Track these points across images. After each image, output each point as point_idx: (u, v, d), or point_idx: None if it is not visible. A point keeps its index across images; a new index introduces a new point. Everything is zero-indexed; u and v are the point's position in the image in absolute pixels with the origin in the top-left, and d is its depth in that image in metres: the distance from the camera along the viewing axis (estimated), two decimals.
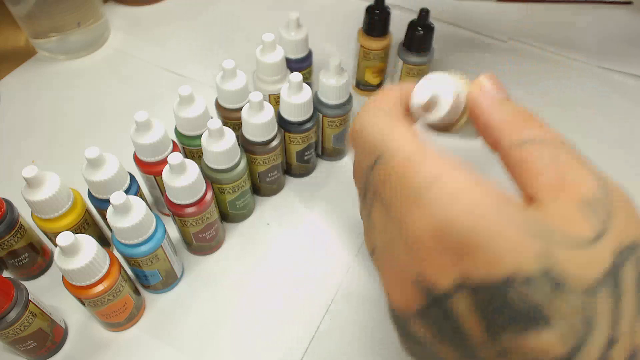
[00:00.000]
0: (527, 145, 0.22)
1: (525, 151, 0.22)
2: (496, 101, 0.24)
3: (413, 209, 0.22)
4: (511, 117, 0.23)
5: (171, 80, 0.57)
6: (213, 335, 0.38)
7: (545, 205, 0.20)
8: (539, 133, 0.22)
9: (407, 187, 0.22)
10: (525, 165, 0.22)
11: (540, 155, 0.22)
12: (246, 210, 0.44)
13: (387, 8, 0.48)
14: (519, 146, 0.22)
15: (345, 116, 0.45)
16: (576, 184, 0.21)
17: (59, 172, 0.36)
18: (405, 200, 0.22)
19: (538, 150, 0.22)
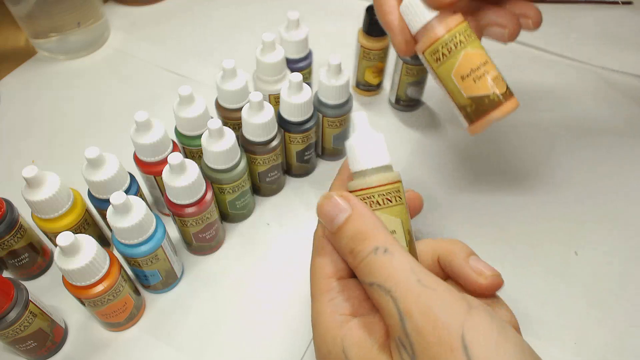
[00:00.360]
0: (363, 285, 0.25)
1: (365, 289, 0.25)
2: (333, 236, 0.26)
3: None
4: (342, 253, 0.26)
5: (171, 80, 0.57)
6: (213, 335, 0.38)
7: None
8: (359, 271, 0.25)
9: None
10: None
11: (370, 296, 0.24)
12: (246, 210, 0.44)
13: None
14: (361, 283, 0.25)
15: (345, 116, 0.45)
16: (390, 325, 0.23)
17: (59, 172, 0.36)
18: None
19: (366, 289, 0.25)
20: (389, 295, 0.23)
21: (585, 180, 0.48)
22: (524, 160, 0.49)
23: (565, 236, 0.44)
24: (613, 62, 0.58)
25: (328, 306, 0.26)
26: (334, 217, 0.26)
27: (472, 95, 0.28)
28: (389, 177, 0.26)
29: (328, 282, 0.27)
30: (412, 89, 0.51)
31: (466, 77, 0.28)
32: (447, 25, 0.27)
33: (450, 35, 0.27)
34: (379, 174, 0.27)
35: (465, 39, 0.27)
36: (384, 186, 0.26)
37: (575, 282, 0.41)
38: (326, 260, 0.27)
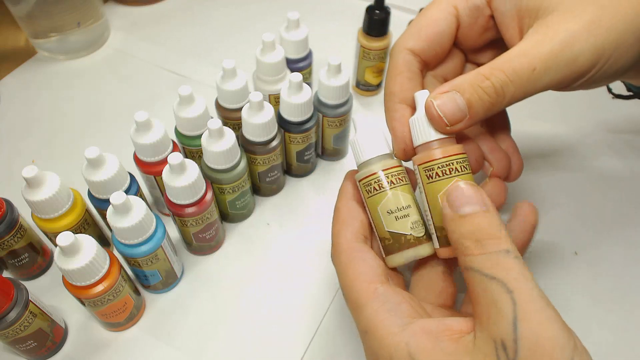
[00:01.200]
0: (470, 273, 0.24)
1: (469, 278, 0.24)
2: (453, 220, 0.26)
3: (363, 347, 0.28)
4: (464, 238, 0.25)
5: (171, 80, 0.57)
6: (213, 335, 0.38)
7: (476, 338, 0.23)
8: (480, 261, 0.24)
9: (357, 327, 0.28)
10: (469, 290, 0.25)
11: (477, 286, 0.24)
12: (246, 210, 0.44)
13: (387, 8, 0.48)
14: (466, 271, 0.25)
15: (345, 116, 0.45)
16: (495, 324, 0.23)
17: (59, 172, 0.36)
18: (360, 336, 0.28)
19: (476, 281, 0.24)
20: (510, 295, 0.22)
21: (586, 180, 0.48)
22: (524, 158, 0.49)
23: (565, 236, 0.44)
24: None
25: (382, 311, 0.26)
26: (465, 203, 0.25)
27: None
28: (395, 162, 0.30)
29: (373, 287, 0.27)
30: None
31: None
32: (445, 151, 0.28)
33: (446, 160, 0.28)
34: (385, 160, 0.30)
35: (461, 169, 0.28)
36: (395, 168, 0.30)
37: (575, 282, 0.41)
38: (364, 268, 0.28)
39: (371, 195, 0.30)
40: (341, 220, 0.30)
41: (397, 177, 0.29)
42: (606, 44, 0.27)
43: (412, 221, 0.29)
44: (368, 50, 0.50)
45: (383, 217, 0.29)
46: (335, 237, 0.30)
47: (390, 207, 0.29)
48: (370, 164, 0.30)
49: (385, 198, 0.29)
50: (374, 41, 0.49)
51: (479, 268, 0.24)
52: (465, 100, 0.27)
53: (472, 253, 0.24)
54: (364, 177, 0.30)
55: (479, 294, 0.24)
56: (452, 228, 0.25)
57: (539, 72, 0.27)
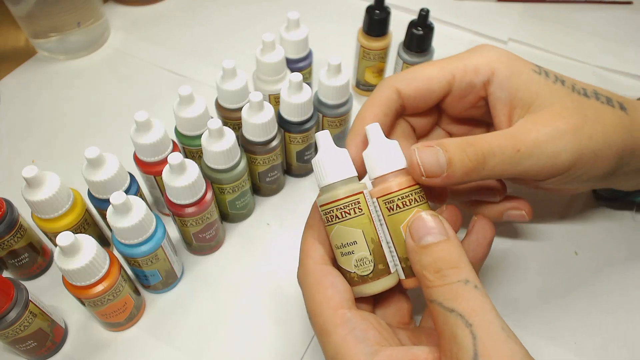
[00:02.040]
0: (433, 305, 0.24)
1: (432, 309, 0.25)
2: (416, 252, 0.26)
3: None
4: (424, 269, 0.25)
5: (171, 80, 0.57)
6: (213, 335, 0.38)
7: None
8: (440, 293, 0.24)
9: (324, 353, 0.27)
10: (434, 322, 0.25)
11: (438, 318, 0.24)
12: (246, 210, 0.44)
13: (387, 8, 0.48)
14: (429, 302, 0.25)
15: (345, 116, 0.45)
16: (456, 358, 0.23)
17: (59, 172, 0.36)
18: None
19: (437, 312, 0.24)
20: (470, 329, 0.22)
21: None
22: None
23: (565, 236, 0.44)
24: (613, 62, 0.58)
25: (349, 338, 0.25)
26: (425, 234, 0.26)
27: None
28: (348, 190, 0.28)
29: (340, 313, 0.26)
30: None
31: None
32: (403, 183, 0.28)
33: (406, 192, 0.28)
34: (344, 186, 0.28)
35: (419, 199, 0.28)
36: (345, 199, 0.28)
37: (575, 282, 0.41)
38: (331, 292, 0.27)
39: (327, 224, 0.29)
40: (309, 241, 0.30)
41: (344, 211, 0.28)
42: (586, 151, 0.29)
43: (357, 258, 0.28)
44: (368, 50, 0.50)
45: (334, 249, 0.29)
46: (304, 257, 0.29)
47: (336, 242, 0.29)
48: (325, 191, 0.29)
49: (333, 231, 0.28)
50: (374, 41, 0.49)
51: (439, 300, 0.24)
52: (447, 158, 0.28)
53: (433, 285, 0.24)
54: (321, 205, 0.29)
55: (440, 327, 0.24)
56: (415, 259, 0.26)
57: (522, 154, 0.29)
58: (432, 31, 0.47)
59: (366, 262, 0.28)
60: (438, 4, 0.63)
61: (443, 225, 0.26)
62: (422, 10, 0.46)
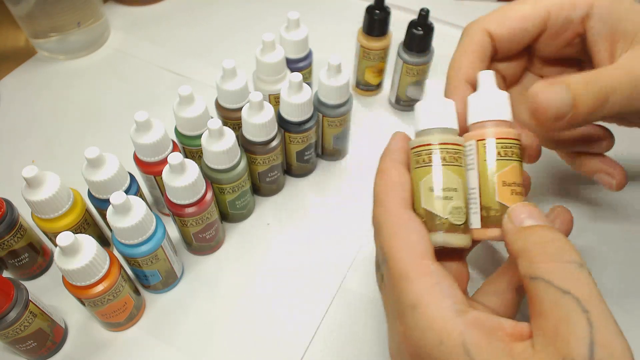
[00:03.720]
0: (537, 282, 0.23)
1: (535, 287, 0.23)
2: (518, 230, 0.25)
3: (396, 324, 0.25)
4: (530, 246, 0.24)
5: (171, 80, 0.57)
6: (213, 335, 0.38)
7: (535, 351, 0.22)
8: (550, 272, 0.22)
9: (396, 302, 0.25)
10: (533, 300, 0.23)
11: (545, 297, 0.22)
12: (246, 210, 0.44)
13: (387, 8, 0.48)
14: (531, 280, 0.23)
15: (345, 116, 0.45)
16: (567, 343, 0.21)
17: (59, 172, 0.36)
18: (392, 312, 0.25)
19: (544, 291, 0.22)
20: (587, 315, 0.21)
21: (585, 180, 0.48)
22: None
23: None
24: None
25: (434, 290, 0.23)
26: (528, 217, 0.25)
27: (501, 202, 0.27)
28: (460, 137, 0.28)
29: (425, 263, 0.24)
30: (412, 89, 0.51)
31: (509, 185, 0.27)
32: (509, 132, 0.27)
33: (510, 142, 0.27)
34: (454, 134, 0.28)
35: (519, 155, 0.28)
36: (456, 146, 0.27)
37: None
38: (415, 238, 0.25)
39: (419, 166, 0.27)
40: (391, 182, 0.27)
41: (452, 156, 0.27)
42: None
43: (454, 206, 0.27)
44: (368, 50, 0.50)
45: (423, 192, 0.27)
46: (383, 196, 0.27)
47: (433, 184, 0.27)
48: (427, 133, 0.28)
49: (431, 172, 0.27)
50: (374, 41, 0.49)
51: (549, 279, 0.22)
52: (572, 97, 0.26)
53: (541, 260, 0.23)
54: (417, 146, 0.27)
55: (547, 307, 0.22)
56: (515, 238, 0.24)
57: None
58: (432, 31, 0.47)
59: (461, 213, 0.27)
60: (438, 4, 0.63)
61: (544, 216, 0.25)
62: (422, 10, 0.46)
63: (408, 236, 0.25)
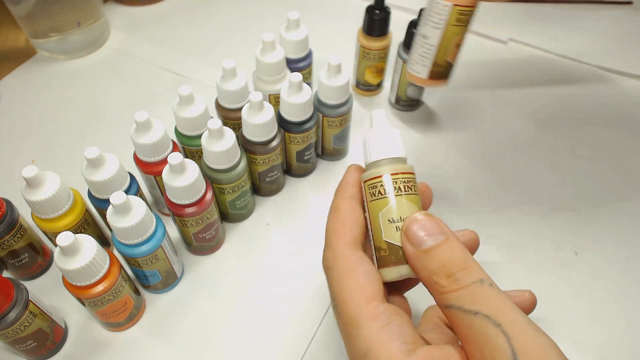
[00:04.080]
0: (450, 311, 0.23)
1: (450, 315, 0.23)
2: (418, 257, 0.25)
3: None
4: (434, 274, 0.24)
5: (171, 80, 0.57)
6: (213, 335, 0.38)
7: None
8: (458, 297, 0.23)
9: (350, 347, 0.25)
10: (454, 327, 0.23)
11: (461, 323, 0.23)
12: (246, 210, 0.44)
13: (387, 8, 0.48)
14: (445, 309, 0.24)
15: (346, 116, 0.45)
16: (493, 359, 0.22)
17: (59, 172, 0.36)
18: (349, 355, 0.25)
19: (459, 317, 0.23)
20: (500, 329, 0.22)
21: (586, 180, 0.48)
22: (524, 159, 0.49)
23: (565, 236, 0.44)
24: (613, 62, 0.58)
25: (383, 334, 0.24)
26: (424, 238, 0.25)
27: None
28: (407, 167, 0.28)
29: (373, 306, 0.25)
30: (412, 89, 0.51)
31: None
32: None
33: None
34: (396, 164, 0.28)
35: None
36: (405, 174, 0.27)
37: (575, 282, 0.41)
38: (363, 281, 0.25)
39: (374, 199, 0.27)
40: (341, 221, 0.28)
41: (406, 185, 0.27)
42: None
43: None
44: (368, 50, 0.50)
45: (383, 225, 0.27)
46: (333, 239, 0.28)
47: (392, 216, 0.27)
48: (378, 165, 0.28)
49: (388, 205, 0.27)
50: (374, 41, 0.49)
51: (458, 304, 0.23)
52: None
53: (448, 290, 0.23)
54: (370, 178, 0.28)
55: (465, 332, 0.23)
56: (419, 265, 0.25)
57: None
58: None
59: None
60: None
61: (440, 225, 0.25)
62: (422, 10, 0.46)
63: (357, 279, 0.26)
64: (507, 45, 0.61)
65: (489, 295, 0.23)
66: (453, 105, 0.54)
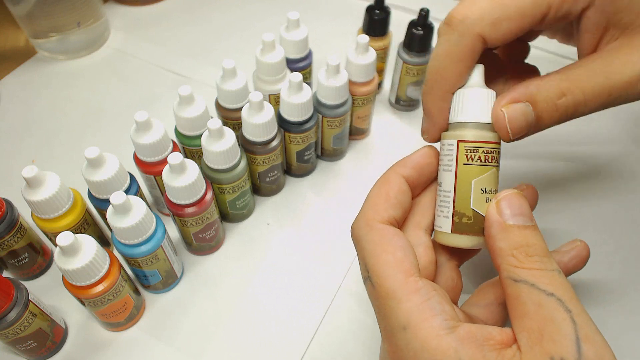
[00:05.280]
0: (520, 285, 0.23)
1: (518, 290, 0.23)
2: (503, 229, 0.25)
3: (388, 343, 0.25)
4: (514, 248, 0.24)
5: (171, 80, 0.57)
6: (213, 335, 0.38)
7: (522, 353, 0.22)
8: (534, 275, 0.23)
9: (386, 320, 0.24)
10: (515, 302, 0.23)
11: (529, 299, 0.23)
12: (246, 210, 0.44)
13: (387, 8, 0.48)
14: (513, 282, 0.24)
15: (345, 116, 0.45)
16: (553, 341, 0.22)
17: (59, 172, 0.36)
18: (383, 329, 0.25)
19: (528, 294, 0.23)
20: (570, 315, 0.22)
21: (586, 180, 0.48)
22: (524, 160, 0.49)
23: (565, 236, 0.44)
24: None
25: (425, 308, 0.23)
26: (517, 214, 0.25)
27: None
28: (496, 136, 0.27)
29: (413, 280, 0.24)
30: (412, 89, 0.51)
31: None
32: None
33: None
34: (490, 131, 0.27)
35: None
36: (498, 145, 0.27)
37: (576, 282, 0.41)
38: (400, 255, 0.25)
39: (471, 163, 0.26)
40: (384, 194, 0.27)
41: (498, 157, 0.27)
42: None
43: None
44: None
45: (474, 192, 0.26)
46: (370, 209, 0.27)
47: (486, 185, 0.26)
48: (486, 128, 0.27)
49: (486, 173, 0.26)
50: (374, 41, 0.49)
51: (534, 282, 0.23)
52: (536, 114, 0.26)
53: (526, 266, 0.23)
54: (473, 140, 0.26)
55: (530, 308, 0.23)
56: (502, 236, 0.24)
57: (613, 98, 0.27)
58: (432, 31, 0.47)
59: None
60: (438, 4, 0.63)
61: (530, 212, 0.25)
62: (422, 10, 0.46)
63: (394, 252, 0.25)
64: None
65: (565, 285, 0.23)
66: None
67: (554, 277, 0.23)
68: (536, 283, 0.23)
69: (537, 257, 0.24)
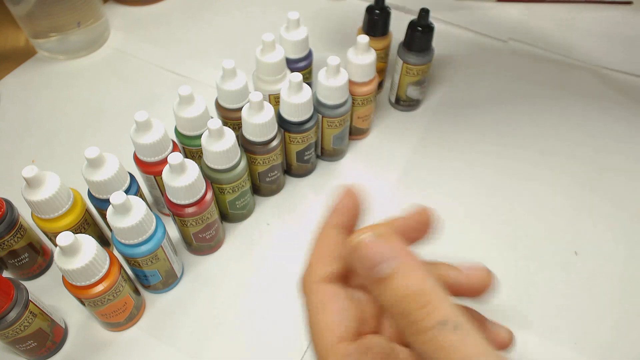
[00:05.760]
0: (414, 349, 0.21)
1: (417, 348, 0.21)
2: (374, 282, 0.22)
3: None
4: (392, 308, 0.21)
5: (171, 80, 0.57)
6: (213, 335, 0.38)
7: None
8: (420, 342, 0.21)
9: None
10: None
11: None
12: (246, 210, 0.44)
13: (387, 8, 0.48)
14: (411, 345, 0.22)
15: (345, 116, 0.45)
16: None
17: (59, 172, 0.36)
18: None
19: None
20: None
21: (586, 180, 0.48)
22: (525, 160, 0.49)
23: (565, 236, 0.44)
24: (613, 62, 0.58)
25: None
26: (376, 264, 0.21)
27: None
28: None
29: (343, 347, 0.23)
30: (412, 89, 0.51)
31: None
32: None
33: None
34: None
35: None
36: None
37: (575, 282, 0.41)
38: (336, 319, 0.24)
39: None
40: (321, 250, 0.26)
41: None
42: None
43: None
44: None
45: None
46: (309, 267, 0.26)
47: None
48: None
49: None
50: (374, 41, 0.49)
51: (420, 350, 0.20)
52: None
53: (406, 332, 0.21)
54: None
55: None
56: (378, 295, 0.22)
57: None
58: (432, 31, 0.47)
59: None
60: (438, 4, 0.63)
61: (394, 245, 0.22)
62: (422, 10, 0.46)
63: (330, 316, 0.24)
64: (507, 44, 0.61)
65: (454, 345, 0.19)
66: (453, 105, 0.54)
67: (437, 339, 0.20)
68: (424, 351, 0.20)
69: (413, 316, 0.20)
